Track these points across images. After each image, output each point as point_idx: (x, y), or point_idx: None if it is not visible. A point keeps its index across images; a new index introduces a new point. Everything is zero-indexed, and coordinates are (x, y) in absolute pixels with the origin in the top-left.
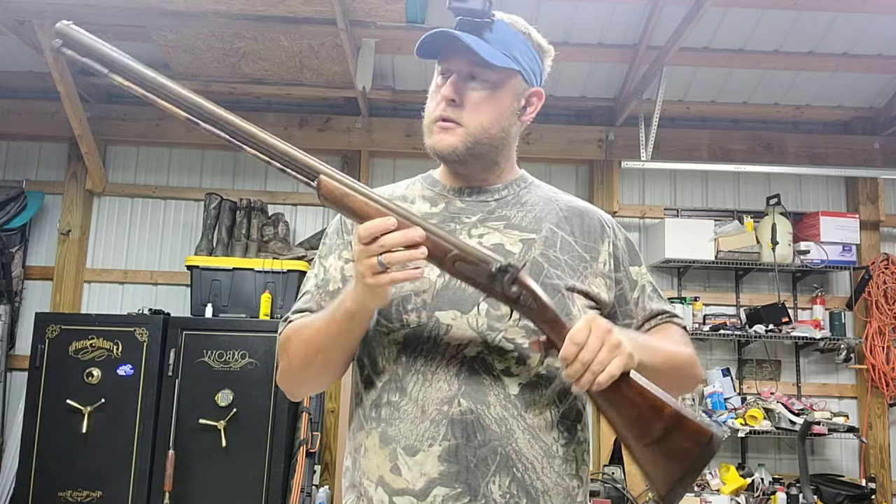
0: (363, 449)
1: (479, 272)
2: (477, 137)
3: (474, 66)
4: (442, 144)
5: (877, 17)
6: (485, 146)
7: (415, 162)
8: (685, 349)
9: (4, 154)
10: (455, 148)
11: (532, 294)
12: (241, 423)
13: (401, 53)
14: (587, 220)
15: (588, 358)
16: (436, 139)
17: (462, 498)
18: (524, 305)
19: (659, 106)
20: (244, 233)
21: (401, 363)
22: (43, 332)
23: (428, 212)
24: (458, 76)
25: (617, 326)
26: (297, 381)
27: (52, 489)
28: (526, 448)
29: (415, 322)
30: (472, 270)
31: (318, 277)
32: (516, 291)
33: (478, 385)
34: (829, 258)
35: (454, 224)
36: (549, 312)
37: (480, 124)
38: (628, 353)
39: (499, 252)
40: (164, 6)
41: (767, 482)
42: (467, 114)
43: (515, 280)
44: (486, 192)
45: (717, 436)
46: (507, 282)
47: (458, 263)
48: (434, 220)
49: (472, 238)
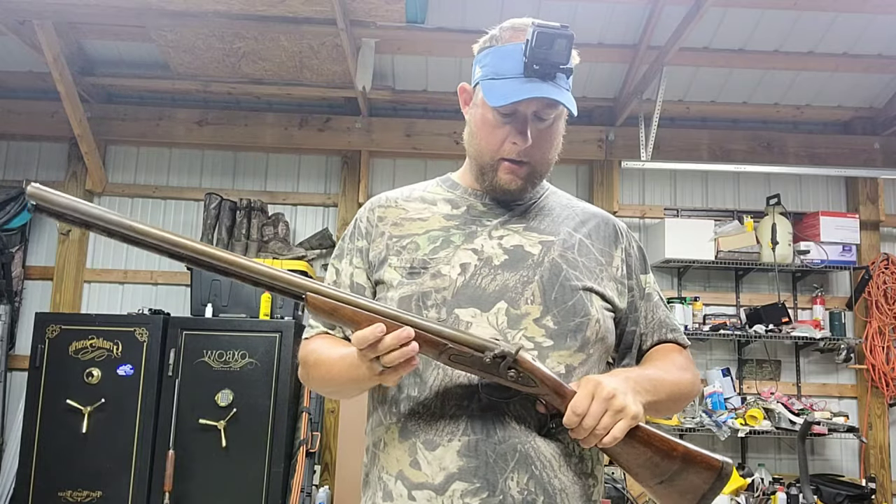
0: (382, 444)
1: (475, 362)
2: (541, 171)
3: (544, 109)
4: (512, 186)
5: (877, 17)
6: (543, 175)
7: (415, 162)
8: (687, 376)
9: (4, 154)
10: (524, 188)
11: (530, 373)
12: (241, 423)
13: (401, 53)
14: (603, 226)
15: (590, 425)
16: (506, 179)
17: (480, 493)
18: (525, 385)
19: (659, 106)
20: (244, 233)
21: (421, 359)
22: (43, 332)
23: (449, 213)
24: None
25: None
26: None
27: (52, 489)
28: (544, 446)
29: (434, 318)
30: (468, 360)
31: (328, 281)
32: (514, 375)
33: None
34: (829, 258)
35: (475, 226)
36: (550, 384)
37: (545, 158)
38: (633, 414)
39: (517, 254)
40: (164, 6)
41: (767, 482)
42: (536, 151)
43: (512, 365)
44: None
45: (727, 466)
46: (503, 368)
47: (454, 357)
48: (455, 223)
49: (493, 239)
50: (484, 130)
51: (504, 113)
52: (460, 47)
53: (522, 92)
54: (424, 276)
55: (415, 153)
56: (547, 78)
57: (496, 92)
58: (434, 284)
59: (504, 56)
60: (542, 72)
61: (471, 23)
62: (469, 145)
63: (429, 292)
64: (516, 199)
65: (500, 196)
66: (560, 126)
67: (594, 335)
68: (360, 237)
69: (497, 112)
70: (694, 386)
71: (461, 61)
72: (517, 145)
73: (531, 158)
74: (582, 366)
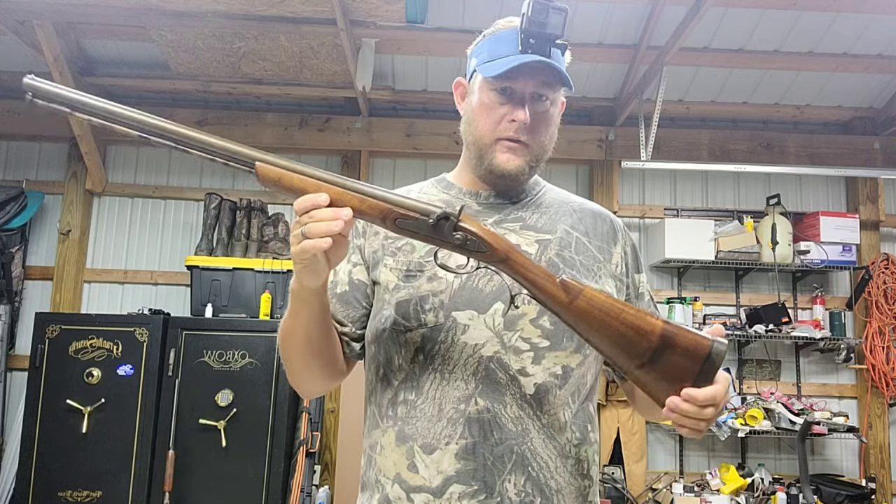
0: (379, 447)
1: (421, 226)
2: (539, 156)
3: (540, 87)
4: (510, 165)
5: (877, 17)
6: (540, 161)
7: (415, 162)
8: None
9: (4, 154)
10: (522, 169)
11: (477, 236)
12: (241, 423)
13: (401, 53)
14: (600, 223)
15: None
16: (503, 159)
17: (478, 495)
18: (475, 250)
19: (659, 106)
20: (244, 233)
21: (418, 362)
22: (43, 332)
23: None
24: (525, 97)
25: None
26: (296, 378)
27: (52, 489)
28: (541, 447)
29: (432, 322)
30: (414, 225)
31: (330, 280)
32: (461, 238)
33: (494, 384)
34: (829, 258)
35: None
36: (501, 250)
37: (542, 143)
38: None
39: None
40: (164, 6)
41: (767, 482)
42: (534, 134)
43: (456, 227)
44: (504, 196)
45: (718, 346)
46: (448, 230)
47: (399, 220)
48: None
49: None
50: (482, 113)
51: (502, 92)
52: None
53: (520, 59)
54: (421, 278)
55: (415, 153)
56: (543, 53)
57: (493, 67)
58: (431, 287)
59: (499, 40)
60: (538, 46)
61: (471, 23)
62: (467, 134)
63: (426, 296)
64: (515, 183)
65: (498, 181)
66: (556, 115)
67: None
68: (357, 235)
69: (495, 92)
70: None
71: (461, 61)
72: (515, 122)
73: (529, 140)
74: (579, 367)
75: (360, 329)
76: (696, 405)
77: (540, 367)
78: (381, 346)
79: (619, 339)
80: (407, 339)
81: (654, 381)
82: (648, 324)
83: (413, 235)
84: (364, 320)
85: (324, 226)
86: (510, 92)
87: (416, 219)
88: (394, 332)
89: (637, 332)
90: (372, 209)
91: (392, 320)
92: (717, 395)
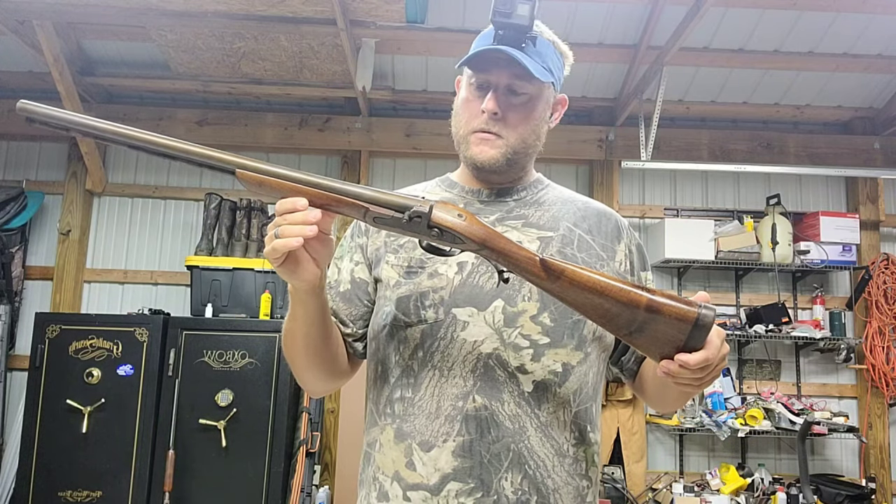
0: (378, 444)
1: (397, 222)
2: (516, 149)
3: (515, 80)
4: (483, 157)
5: (877, 17)
6: (521, 156)
7: (415, 162)
8: None
9: (4, 154)
10: (496, 160)
11: (450, 230)
12: (241, 423)
13: (401, 53)
14: (604, 221)
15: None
16: (476, 150)
17: (475, 493)
18: (454, 242)
19: (659, 106)
20: (244, 233)
21: (416, 359)
22: (43, 332)
23: None
24: (499, 89)
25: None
26: (300, 378)
27: (52, 489)
28: (538, 446)
29: (432, 318)
30: (391, 221)
31: (331, 278)
32: (437, 233)
33: (493, 381)
34: (829, 258)
35: None
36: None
37: (520, 136)
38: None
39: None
40: (164, 6)
41: (767, 482)
42: (508, 127)
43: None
44: (506, 194)
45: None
46: (423, 227)
47: (377, 218)
48: None
49: None
50: (462, 107)
51: (480, 87)
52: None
53: (477, 48)
54: (422, 275)
55: (415, 153)
56: (515, 44)
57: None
58: (432, 284)
59: (480, 37)
60: (509, 37)
61: (471, 23)
62: (452, 129)
63: (427, 292)
64: (494, 175)
65: (479, 174)
66: (538, 108)
67: (591, 333)
68: (359, 234)
69: (473, 87)
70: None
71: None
72: (484, 113)
73: (502, 131)
74: (580, 365)
75: (362, 328)
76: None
77: (539, 365)
78: (381, 342)
79: (605, 313)
80: (406, 335)
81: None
82: (635, 297)
83: (393, 231)
84: (366, 319)
85: (296, 228)
86: (487, 85)
87: (391, 216)
88: (394, 328)
89: (624, 306)
90: (350, 207)
91: (392, 316)
92: (710, 357)
